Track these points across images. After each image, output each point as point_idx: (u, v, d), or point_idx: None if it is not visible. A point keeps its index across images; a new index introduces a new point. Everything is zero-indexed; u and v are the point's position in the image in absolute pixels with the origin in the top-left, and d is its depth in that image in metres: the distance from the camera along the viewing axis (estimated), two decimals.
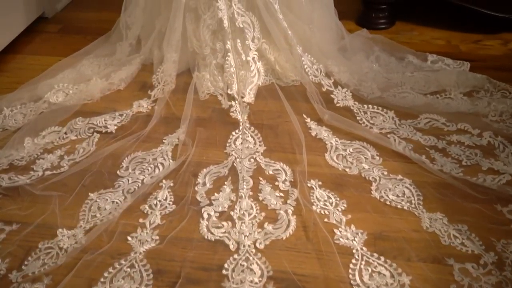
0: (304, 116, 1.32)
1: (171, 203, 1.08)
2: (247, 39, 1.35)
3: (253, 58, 1.36)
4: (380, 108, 1.34)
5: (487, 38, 1.69)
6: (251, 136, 1.25)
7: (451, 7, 1.67)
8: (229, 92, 1.33)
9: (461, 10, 1.67)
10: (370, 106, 1.34)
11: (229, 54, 1.33)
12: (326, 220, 1.03)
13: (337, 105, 1.35)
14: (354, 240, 0.99)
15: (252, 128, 1.28)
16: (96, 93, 1.41)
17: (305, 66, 1.37)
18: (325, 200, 1.07)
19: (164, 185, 1.12)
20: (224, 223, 1.02)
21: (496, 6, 1.63)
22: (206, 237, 1.01)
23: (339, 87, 1.38)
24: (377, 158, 1.19)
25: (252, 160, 1.19)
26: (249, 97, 1.33)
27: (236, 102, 1.31)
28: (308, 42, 1.43)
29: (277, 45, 1.42)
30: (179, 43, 1.38)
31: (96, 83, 1.44)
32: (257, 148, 1.22)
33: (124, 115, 1.35)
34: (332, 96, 1.37)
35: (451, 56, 1.58)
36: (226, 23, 1.32)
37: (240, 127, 1.28)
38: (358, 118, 1.32)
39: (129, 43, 1.54)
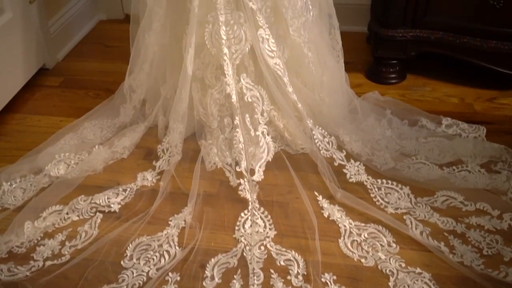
0: (316, 193, 1.26)
1: None
2: (256, 113, 1.30)
3: (262, 132, 1.31)
4: (394, 183, 1.29)
5: (502, 95, 1.64)
6: (261, 218, 1.20)
7: (463, 62, 1.61)
8: (238, 169, 1.27)
9: (474, 65, 1.62)
10: (384, 181, 1.29)
11: (237, 129, 1.28)
12: None
13: (350, 180, 1.30)
14: None
15: (262, 209, 1.22)
16: (99, 164, 1.36)
17: (316, 141, 1.32)
18: None
19: (170, 279, 1.07)
20: None
21: (506, 62, 1.57)
22: None
23: (352, 161, 1.33)
24: (394, 245, 1.13)
25: (262, 247, 1.13)
26: (259, 175, 1.28)
27: (245, 180, 1.26)
28: (319, 112, 1.38)
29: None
30: (186, 114, 1.33)
31: (99, 151, 1.39)
32: (267, 233, 1.17)
33: (128, 190, 1.29)
34: (344, 170, 1.32)
35: (465, 117, 1.53)
36: (234, 98, 1.27)
37: (249, 207, 1.22)
38: (372, 195, 1.27)
39: (133, 106, 1.49)
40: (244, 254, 1.12)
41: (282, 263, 1.11)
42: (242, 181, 1.26)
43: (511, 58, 1.54)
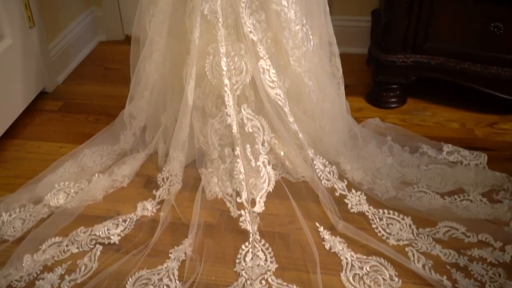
0: (317, 224, 1.25)
1: None
2: (257, 143, 1.30)
3: (263, 162, 1.30)
4: (396, 213, 1.28)
5: (503, 120, 1.64)
6: (262, 251, 1.19)
7: (464, 87, 1.61)
8: (238, 200, 1.27)
9: (474, 90, 1.62)
10: (385, 211, 1.28)
11: (238, 160, 1.27)
12: None
13: (351, 210, 1.29)
14: None
15: (263, 241, 1.21)
16: (99, 193, 1.35)
17: (317, 170, 1.32)
18: None
19: None
20: None
21: (507, 88, 1.57)
22: None
23: (353, 191, 1.32)
24: (396, 279, 1.12)
25: (263, 282, 1.12)
26: (259, 207, 1.27)
27: (246, 211, 1.25)
28: (320, 140, 1.38)
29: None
30: (186, 143, 1.32)
31: (98, 180, 1.38)
32: (268, 266, 1.16)
33: (128, 220, 1.29)
34: (346, 200, 1.31)
35: (466, 143, 1.52)
36: (235, 129, 1.26)
37: (250, 239, 1.21)
38: (373, 225, 1.26)
39: (133, 133, 1.49)
40: None
41: None
42: (243, 212, 1.26)
43: (511, 84, 1.54)
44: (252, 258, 1.17)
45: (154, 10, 1.31)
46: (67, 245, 1.22)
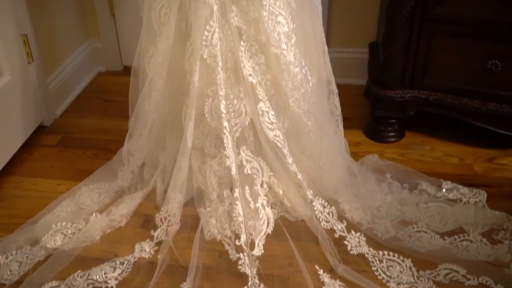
0: (316, 267, 1.24)
1: None
2: (256, 184, 1.29)
3: (262, 204, 1.30)
4: (396, 255, 1.27)
5: (502, 154, 1.64)
6: None
7: (462, 122, 1.62)
8: (237, 243, 1.26)
9: (472, 125, 1.62)
10: (385, 252, 1.28)
11: (237, 202, 1.26)
12: None
13: (351, 252, 1.28)
14: None
15: (262, 285, 1.20)
16: (96, 234, 1.34)
17: (316, 212, 1.31)
18: None
19: None
20: None
21: (506, 124, 1.57)
22: None
23: (352, 232, 1.32)
24: None
25: None
26: (258, 250, 1.26)
27: (245, 254, 1.24)
28: (319, 180, 1.37)
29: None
30: (185, 184, 1.32)
31: (96, 220, 1.37)
32: None
33: (126, 263, 1.27)
34: (345, 242, 1.30)
35: (465, 179, 1.52)
36: (234, 171, 1.26)
37: (249, 283, 1.20)
38: (373, 268, 1.25)
39: (131, 170, 1.48)
40: None
41: None
42: (241, 255, 1.24)
43: (510, 120, 1.54)
44: None
45: (154, 51, 1.32)
46: None
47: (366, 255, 1.28)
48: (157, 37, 1.29)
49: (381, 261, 1.26)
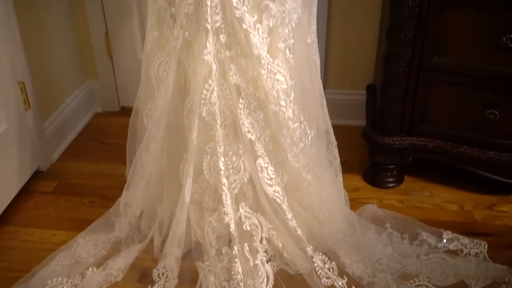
0: None
1: None
2: (255, 240, 1.28)
3: (261, 261, 1.28)
4: None
5: (501, 201, 1.63)
6: None
7: (461, 169, 1.61)
8: None
9: (472, 172, 1.61)
10: None
11: (236, 260, 1.25)
12: None
13: None
14: None
15: None
16: None
17: (317, 268, 1.29)
18: None
19: None
20: None
21: (505, 172, 1.57)
22: None
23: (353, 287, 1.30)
24: None
25: None
26: None
27: None
28: (319, 233, 1.36)
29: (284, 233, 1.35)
30: (183, 239, 1.30)
31: (92, 275, 1.35)
32: None
33: None
34: None
35: (465, 228, 1.51)
36: (233, 227, 1.25)
37: None
38: None
39: (128, 221, 1.46)
40: None
41: None
42: None
43: (509, 168, 1.54)
44: None
45: (152, 105, 1.31)
46: None
47: None
48: (156, 92, 1.28)
49: None
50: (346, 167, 1.73)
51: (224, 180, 1.23)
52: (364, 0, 1.86)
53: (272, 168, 1.25)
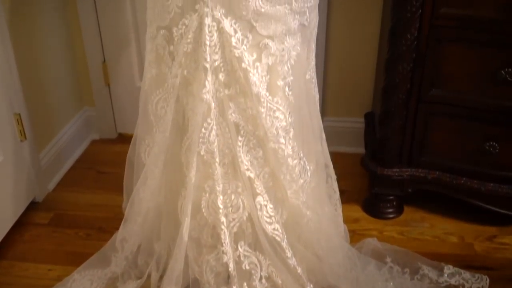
0: None
1: None
2: (254, 280, 1.26)
3: None
4: None
5: (502, 232, 1.62)
6: None
7: (461, 200, 1.60)
8: None
9: (472, 203, 1.60)
10: None
11: None
12: None
13: None
14: None
15: None
16: None
17: None
18: None
19: None
20: None
21: (506, 204, 1.55)
22: None
23: None
24: None
25: None
26: None
27: None
28: (319, 270, 1.34)
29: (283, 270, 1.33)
30: (180, 276, 1.28)
31: None
32: None
33: None
34: None
35: (466, 261, 1.50)
36: (231, 267, 1.23)
37: None
38: None
39: (125, 256, 1.44)
40: None
41: None
42: None
43: (510, 200, 1.53)
44: None
45: (150, 141, 1.30)
46: None
47: None
48: (154, 129, 1.27)
49: None
50: (345, 196, 1.72)
51: (223, 219, 1.22)
52: (362, 29, 1.86)
53: (271, 206, 1.24)
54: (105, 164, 2.01)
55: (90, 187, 1.88)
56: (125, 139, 2.15)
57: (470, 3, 1.35)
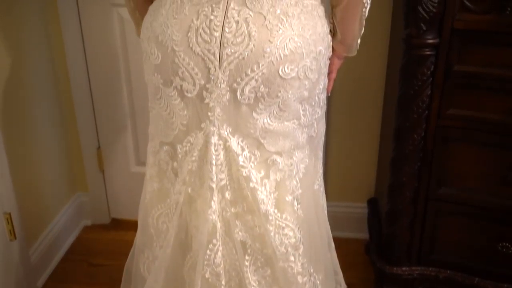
0: None
1: None
2: None
3: None
4: None
5: None
6: None
7: None
8: None
9: None
10: None
11: None
12: None
13: None
14: None
15: None
16: None
17: None
18: None
19: None
20: None
21: None
22: None
23: None
24: None
25: None
26: None
27: None
28: None
29: None
30: None
31: None
32: None
33: None
34: None
35: None
36: None
37: None
38: None
39: None
40: None
41: None
42: None
43: None
44: None
45: (149, 254, 1.23)
46: None
47: None
48: (154, 243, 1.20)
49: None
50: None
51: None
52: (362, 127, 1.85)
53: None
54: (97, 254, 1.92)
55: (82, 283, 1.78)
56: (118, 225, 2.08)
57: (477, 105, 1.33)
